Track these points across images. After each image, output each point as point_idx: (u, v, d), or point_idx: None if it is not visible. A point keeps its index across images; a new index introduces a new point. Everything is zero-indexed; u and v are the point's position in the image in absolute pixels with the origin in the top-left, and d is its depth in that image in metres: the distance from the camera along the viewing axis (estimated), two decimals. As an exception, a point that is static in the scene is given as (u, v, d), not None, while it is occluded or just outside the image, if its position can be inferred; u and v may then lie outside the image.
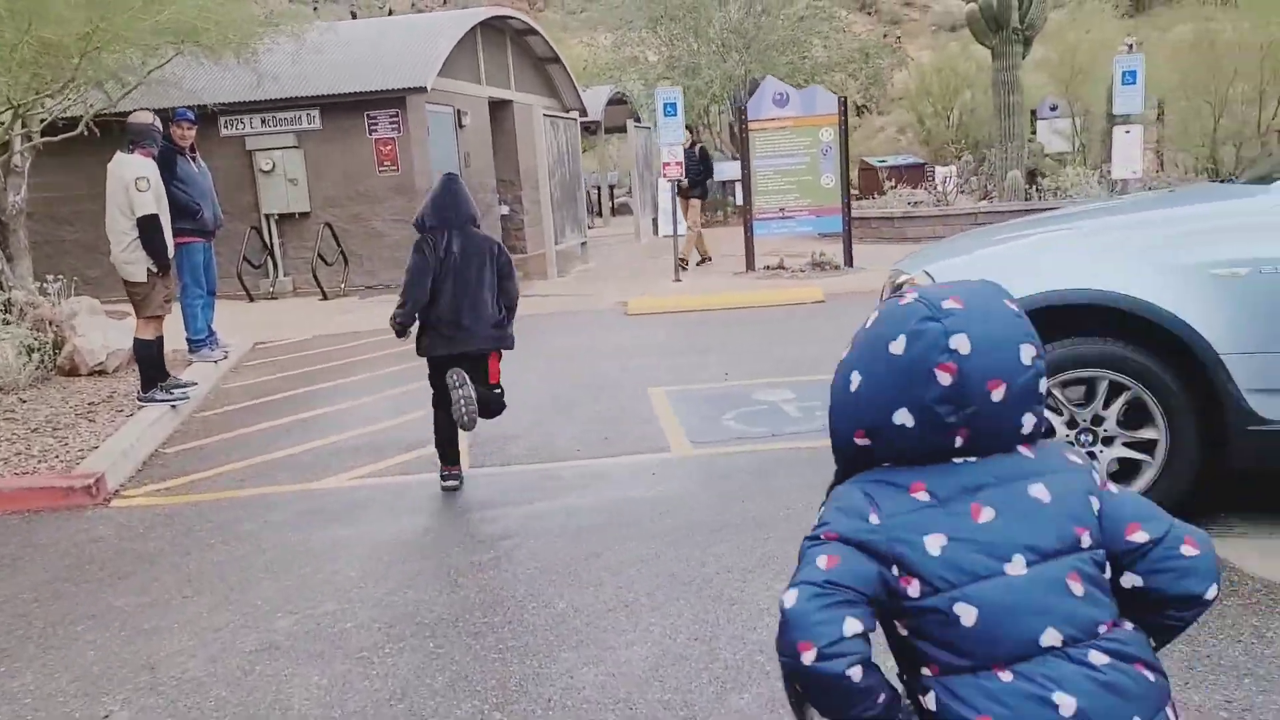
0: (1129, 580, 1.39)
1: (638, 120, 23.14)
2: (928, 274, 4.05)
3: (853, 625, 1.29)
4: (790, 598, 1.31)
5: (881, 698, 1.34)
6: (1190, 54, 15.82)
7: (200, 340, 8.64)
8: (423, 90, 13.89)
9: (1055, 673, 1.31)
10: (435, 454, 5.23)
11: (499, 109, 18.27)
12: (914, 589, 1.34)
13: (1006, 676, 1.31)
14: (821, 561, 1.34)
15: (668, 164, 13.10)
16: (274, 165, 14.30)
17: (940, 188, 18.51)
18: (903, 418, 1.40)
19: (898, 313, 1.47)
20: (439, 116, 15.30)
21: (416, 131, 14.41)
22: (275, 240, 14.61)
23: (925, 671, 1.37)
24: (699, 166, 14.52)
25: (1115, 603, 1.38)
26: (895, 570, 1.35)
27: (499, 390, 5.03)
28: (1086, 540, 1.37)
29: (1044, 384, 1.41)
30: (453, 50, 14.91)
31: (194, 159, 8.47)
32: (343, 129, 14.34)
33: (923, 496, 1.38)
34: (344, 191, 14.53)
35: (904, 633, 1.39)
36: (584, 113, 22.28)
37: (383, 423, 6.56)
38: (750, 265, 13.56)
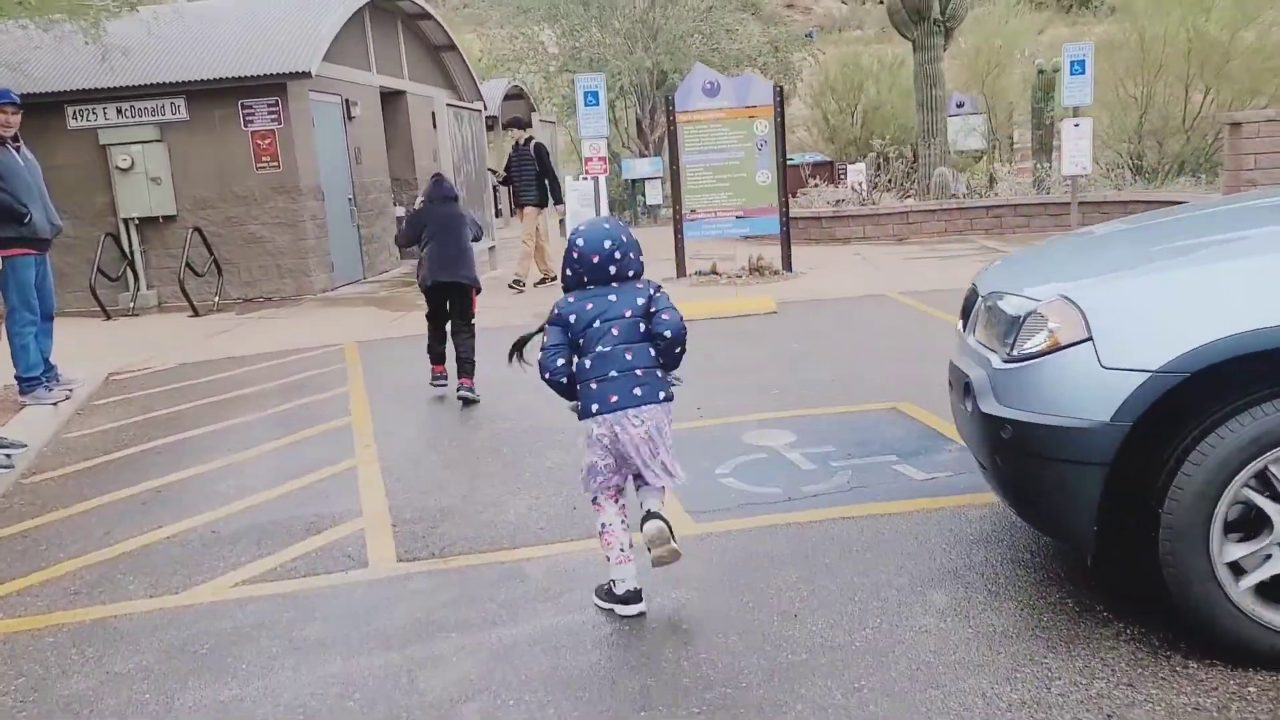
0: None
1: (533, 113, 21.76)
2: (1070, 300, 2.88)
3: (563, 358, 3.44)
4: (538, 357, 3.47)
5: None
6: (1118, 51, 15.36)
7: (33, 379, 6.93)
8: (306, 76, 12.22)
9: (609, 356, 3.36)
10: (348, 543, 3.85)
11: (392, 100, 16.62)
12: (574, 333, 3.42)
13: (589, 361, 3.39)
14: (550, 335, 3.46)
15: (589, 159, 11.78)
16: (132, 162, 12.40)
17: (861, 186, 17.71)
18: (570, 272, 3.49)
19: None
20: (324, 106, 13.62)
21: (299, 123, 12.71)
22: (136, 248, 12.70)
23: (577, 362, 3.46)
24: (533, 168, 12.30)
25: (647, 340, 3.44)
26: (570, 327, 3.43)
27: (473, 322, 6.86)
28: (632, 312, 3.40)
29: (619, 254, 3.45)
30: (339, 33, 13.26)
31: (18, 149, 6.77)
32: (214, 120, 12.54)
33: (572, 298, 3.44)
34: (216, 192, 12.72)
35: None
36: (484, 106, 20.76)
37: (274, 489, 5.08)
38: (681, 271, 12.36)
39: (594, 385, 3.35)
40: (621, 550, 3.42)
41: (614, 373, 3.34)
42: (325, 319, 11.04)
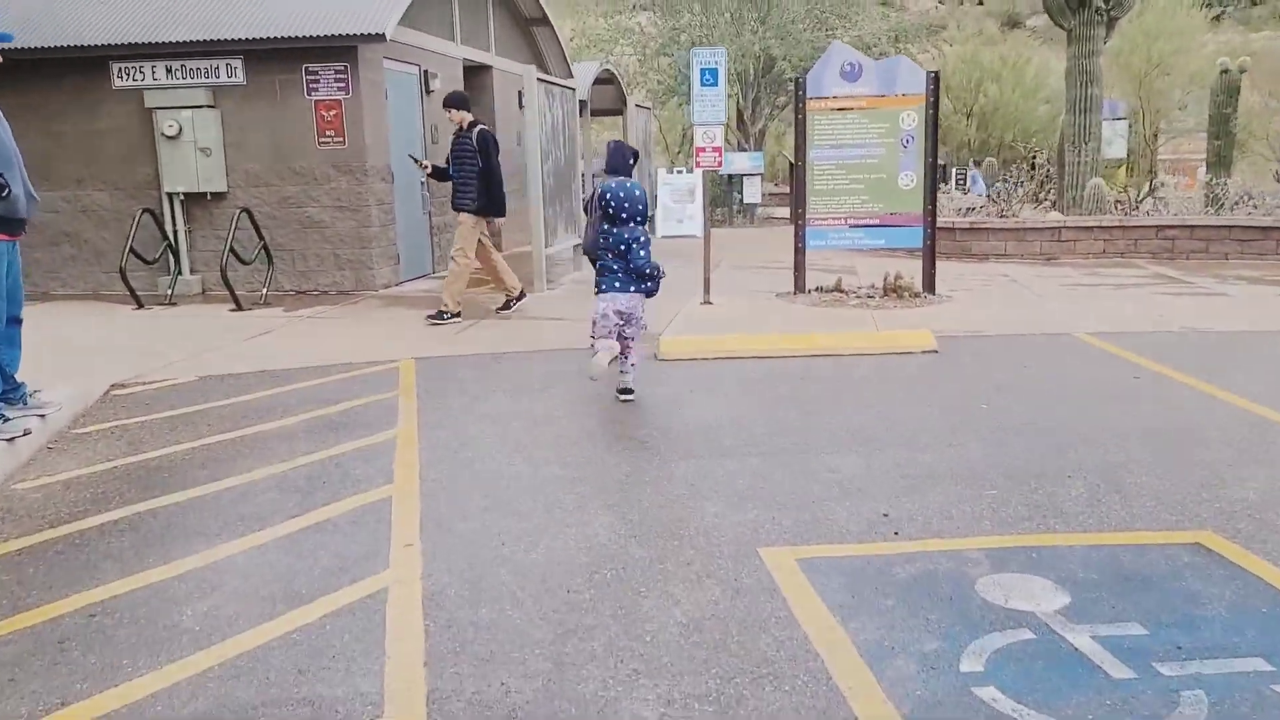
0: None
1: (624, 102, 19.98)
2: None
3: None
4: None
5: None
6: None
7: (-10, 401, 5.32)
8: (380, 39, 10.56)
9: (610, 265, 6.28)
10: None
11: (476, 76, 14.95)
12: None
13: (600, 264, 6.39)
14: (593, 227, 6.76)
15: (702, 149, 9.92)
16: (180, 129, 10.89)
17: (999, 196, 15.51)
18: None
19: None
20: (400, 77, 11.98)
21: (371, 95, 11.07)
22: (180, 227, 11.21)
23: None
24: (474, 163, 9.14)
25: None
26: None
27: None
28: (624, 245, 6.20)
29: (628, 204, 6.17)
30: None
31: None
32: (273, 86, 10.97)
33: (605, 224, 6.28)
34: (272, 168, 11.16)
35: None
36: (574, 89, 19.02)
37: (257, 628, 3.32)
38: (799, 286, 10.43)
39: (603, 276, 6.30)
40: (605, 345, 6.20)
41: (609, 273, 6.29)
42: (383, 323, 9.37)
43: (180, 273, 11.18)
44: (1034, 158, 17.77)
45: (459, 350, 8.01)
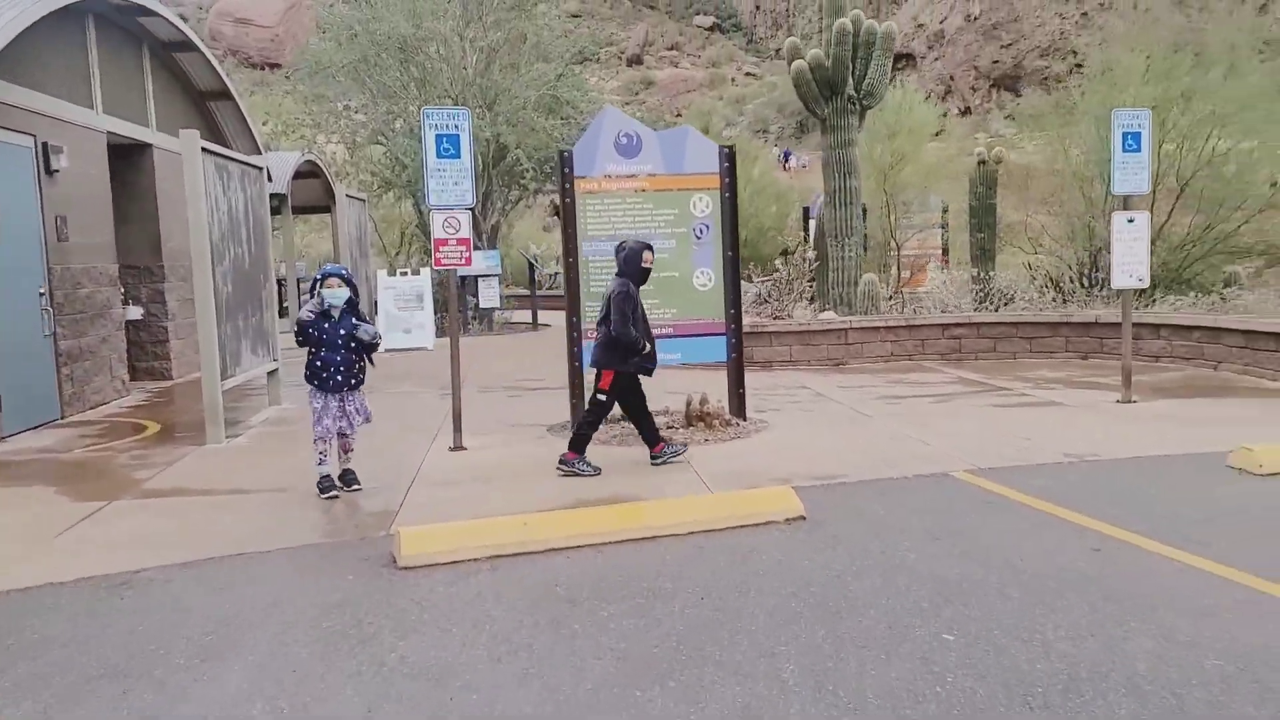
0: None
1: (332, 197, 17.07)
2: None
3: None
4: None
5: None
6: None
7: None
8: (-50, 87, 7.20)
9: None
10: None
11: (130, 156, 11.61)
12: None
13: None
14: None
15: (443, 241, 7.34)
16: None
17: (770, 294, 14.09)
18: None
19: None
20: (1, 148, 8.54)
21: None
22: None
23: None
24: None
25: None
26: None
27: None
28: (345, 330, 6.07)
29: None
30: (37, 44, 8.36)
31: None
32: None
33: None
34: None
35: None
36: (266, 176, 15.86)
37: None
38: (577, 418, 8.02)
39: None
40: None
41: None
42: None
43: None
44: (787, 252, 16.71)
45: (88, 568, 4.79)
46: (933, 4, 76.30)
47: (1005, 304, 13.22)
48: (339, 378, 6.08)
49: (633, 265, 6.64)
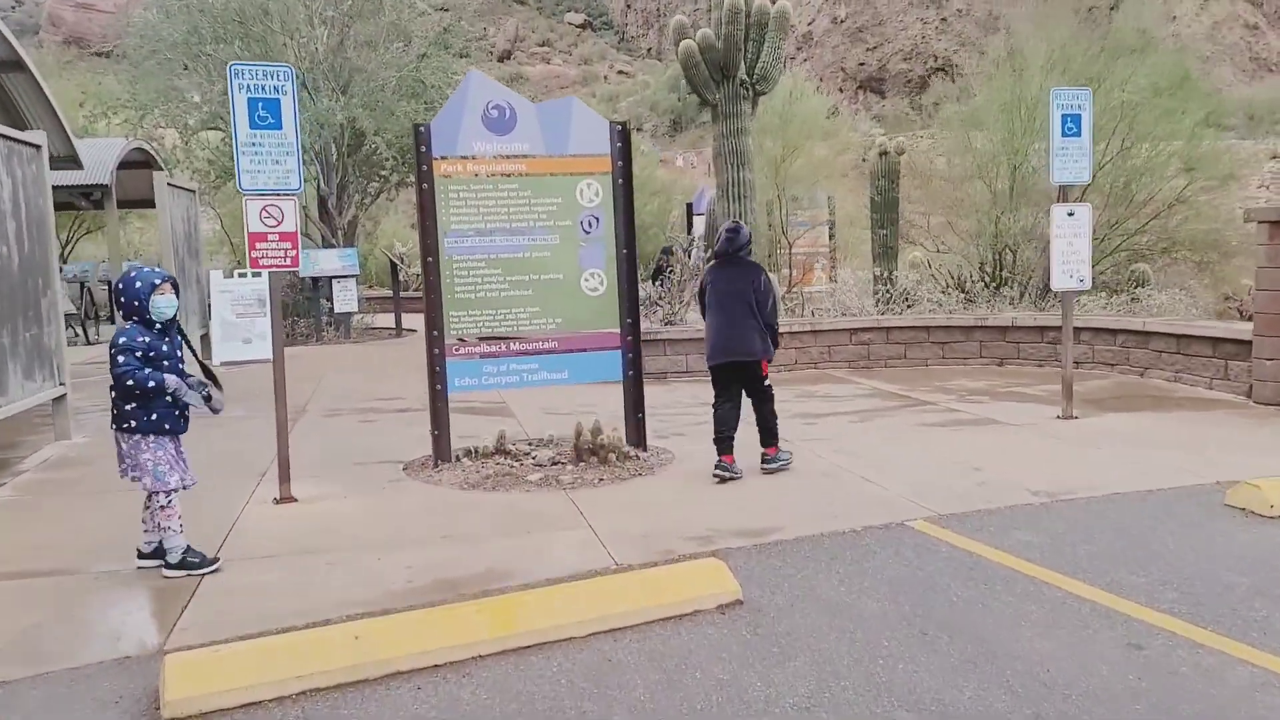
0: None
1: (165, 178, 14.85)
2: None
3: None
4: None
5: None
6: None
7: None
8: None
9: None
10: None
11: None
12: None
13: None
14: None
15: (261, 236, 5.71)
16: None
17: (660, 296, 12.78)
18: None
19: None
20: None
21: None
22: None
23: None
24: None
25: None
26: None
27: (766, 385, 6.29)
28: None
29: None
30: None
31: None
32: None
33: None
34: None
35: None
36: (75, 162, 13.60)
37: None
38: (442, 454, 6.51)
39: None
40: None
41: None
42: None
43: None
44: (669, 251, 15.48)
45: None
46: (800, 5, 77.08)
47: (908, 306, 12.31)
48: (188, 413, 4.64)
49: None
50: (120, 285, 4.54)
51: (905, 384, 9.75)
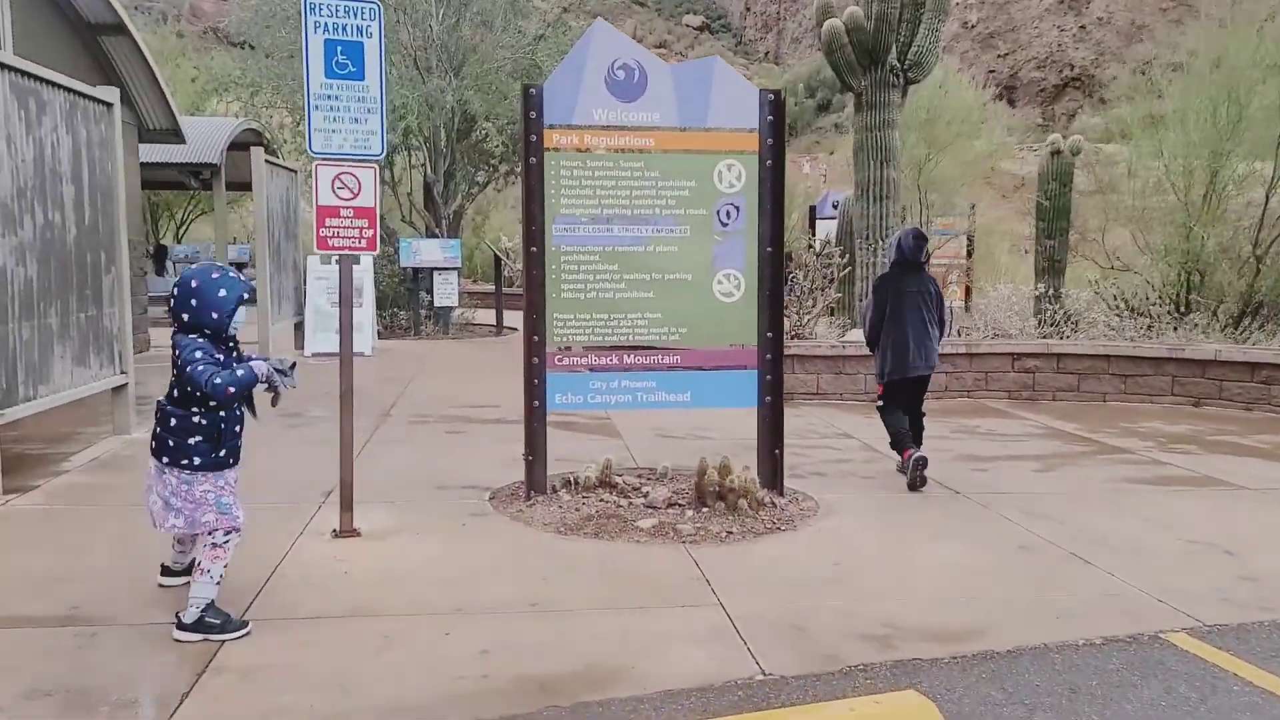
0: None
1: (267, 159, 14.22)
2: None
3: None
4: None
5: None
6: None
7: None
8: None
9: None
10: None
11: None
12: None
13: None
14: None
15: (331, 211, 4.68)
16: None
17: (795, 306, 11.45)
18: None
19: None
20: None
21: None
22: None
23: None
24: None
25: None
26: None
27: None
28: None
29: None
30: None
31: None
32: None
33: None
34: None
35: None
36: (177, 135, 13.02)
37: None
38: (535, 484, 5.36)
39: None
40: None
41: None
42: None
43: None
44: (789, 255, 14.09)
45: None
46: (931, 9, 74.35)
47: (1074, 329, 10.69)
48: (241, 440, 3.72)
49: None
50: (197, 289, 3.47)
51: (1083, 423, 8.21)
